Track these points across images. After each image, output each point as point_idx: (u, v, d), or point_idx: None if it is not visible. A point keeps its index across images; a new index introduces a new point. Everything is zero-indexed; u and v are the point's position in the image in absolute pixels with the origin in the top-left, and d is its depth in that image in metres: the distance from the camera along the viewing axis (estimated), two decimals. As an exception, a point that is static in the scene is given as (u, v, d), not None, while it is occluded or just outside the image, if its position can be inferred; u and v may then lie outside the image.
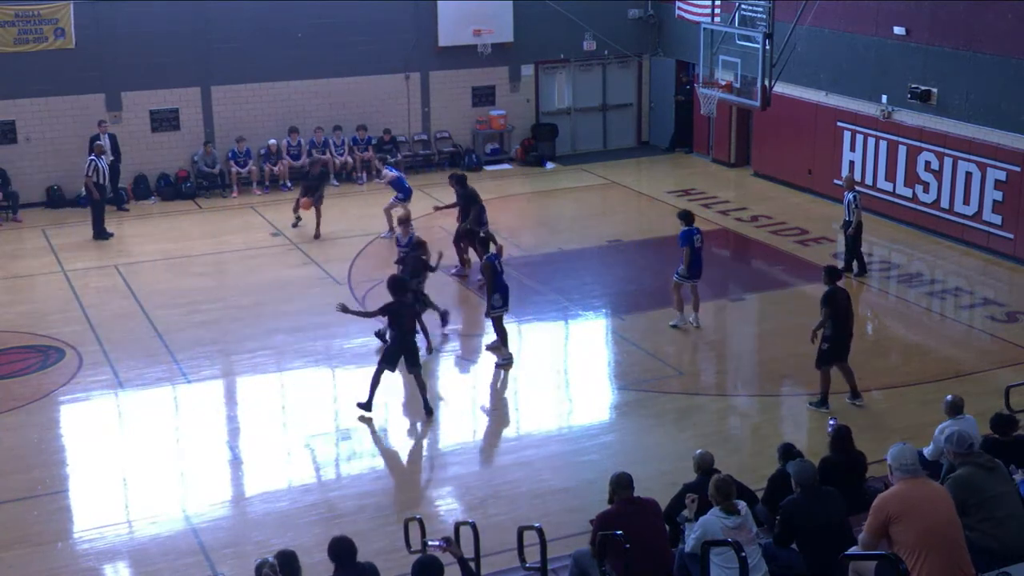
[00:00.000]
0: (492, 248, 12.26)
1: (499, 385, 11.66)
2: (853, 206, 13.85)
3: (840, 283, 10.78)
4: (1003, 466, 6.48)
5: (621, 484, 6.77)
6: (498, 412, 11.13)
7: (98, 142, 16.71)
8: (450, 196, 14.99)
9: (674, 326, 12.61)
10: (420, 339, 11.17)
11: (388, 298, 10.74)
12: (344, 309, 10.59)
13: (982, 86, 14.70)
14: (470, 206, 14.27)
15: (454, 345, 12.63)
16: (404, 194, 15.56)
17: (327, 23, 18.79)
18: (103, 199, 16.25)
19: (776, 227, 16.45)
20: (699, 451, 7.54)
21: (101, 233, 16.14)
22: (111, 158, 17.17)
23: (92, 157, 16.20)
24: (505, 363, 11.78)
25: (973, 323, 13.02)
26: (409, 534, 7.79)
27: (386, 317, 10.70)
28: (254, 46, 18.47)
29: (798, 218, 16.80)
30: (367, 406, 10.62)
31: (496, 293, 11.65)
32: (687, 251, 12.30)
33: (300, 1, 18.53)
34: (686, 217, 12.54)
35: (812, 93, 17.53)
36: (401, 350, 10.54)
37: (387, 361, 10.58)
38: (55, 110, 17.65)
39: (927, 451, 7.85)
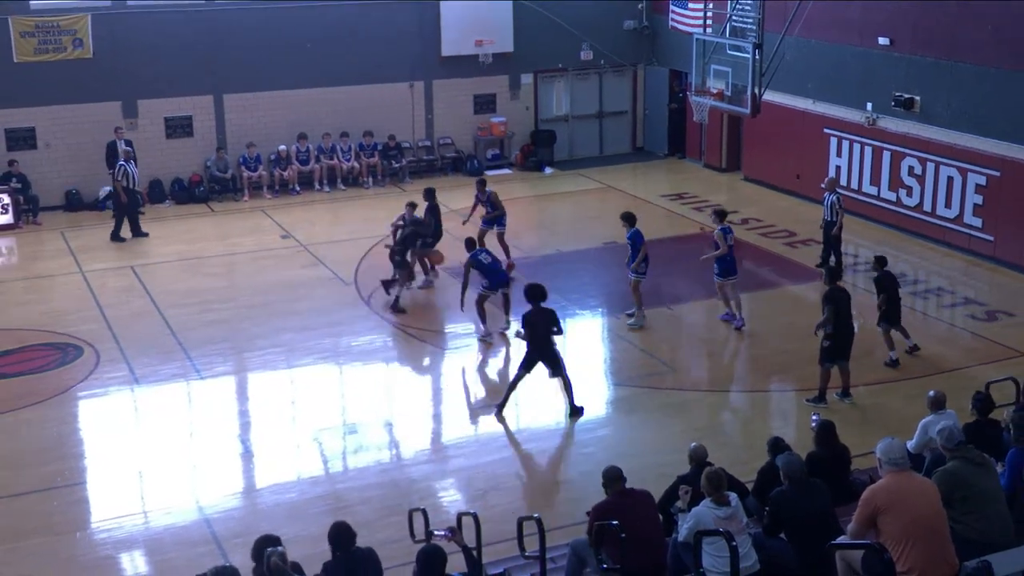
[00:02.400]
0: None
1: (500, 379, 11.81)
2: (836, 207, 14.05)
3: (840, 283, 10.99)
4: (992, 462, 6.58)
5: (612, 478, 6.95)
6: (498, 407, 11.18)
7: (127, 148, 16.78)
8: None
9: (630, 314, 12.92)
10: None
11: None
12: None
13: (963, 94, 14.82)
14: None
15: (460, 343, 12.79)
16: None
17: (335, 34, 18.89)
18: (132, 203, 16.38)
19: (765, 229, 16.55)
20: (693, 444, 7.60)
21: (136, 231, 16.30)
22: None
23: (122, 162, 16.29)
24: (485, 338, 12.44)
25: (955, 322, 13.12)
26: (413, 524, 7.84)
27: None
28: (265, 56, 18.57)
29: (786, 221, 16.88)
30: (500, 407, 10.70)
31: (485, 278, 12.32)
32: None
33: (310, 13, 18.65)
34: (629, 219, 12.83)
35: (800, 101, 17.62)
36: (538, 356, 10.62)
37: (524, 367, 10.64)
38: (73, 117, 17.77)
39: (910, 444, 7.89)
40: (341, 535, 6.38)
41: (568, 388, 10.68)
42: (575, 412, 10.67)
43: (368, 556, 6.46)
